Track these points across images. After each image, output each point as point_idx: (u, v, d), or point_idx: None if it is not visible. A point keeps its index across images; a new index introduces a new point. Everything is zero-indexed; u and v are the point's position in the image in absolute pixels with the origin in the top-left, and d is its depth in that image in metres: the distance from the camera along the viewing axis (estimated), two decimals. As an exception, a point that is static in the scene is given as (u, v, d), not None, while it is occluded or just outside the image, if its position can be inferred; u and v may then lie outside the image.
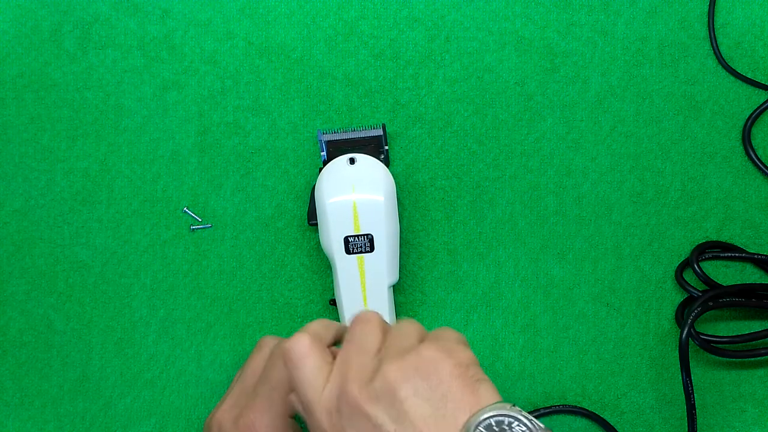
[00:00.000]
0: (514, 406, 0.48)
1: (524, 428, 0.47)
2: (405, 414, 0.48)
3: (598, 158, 0.70)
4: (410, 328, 0.54)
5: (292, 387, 0.54)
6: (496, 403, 0.49)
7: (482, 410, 0.48)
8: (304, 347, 0.53)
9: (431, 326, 0.68)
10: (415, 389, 0.49)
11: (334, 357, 0.54)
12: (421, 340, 0.53)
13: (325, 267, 0.69)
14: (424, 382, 0.49)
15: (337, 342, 0.57)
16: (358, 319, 0.55)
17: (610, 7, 0.71)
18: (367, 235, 0.65)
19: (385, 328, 0.54)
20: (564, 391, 0.68)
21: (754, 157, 0.69)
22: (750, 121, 0.69)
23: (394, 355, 0.51)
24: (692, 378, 0.67)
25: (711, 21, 0.71)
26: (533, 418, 0.48)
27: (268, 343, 0.62)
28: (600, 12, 0.71)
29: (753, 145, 0.70)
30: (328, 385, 0.51)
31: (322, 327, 0.56)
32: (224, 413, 0.59)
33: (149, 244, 0.69)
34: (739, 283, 0.68)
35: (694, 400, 0.64)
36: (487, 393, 0.49)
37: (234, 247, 0.69)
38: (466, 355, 0.51)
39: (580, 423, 0.67)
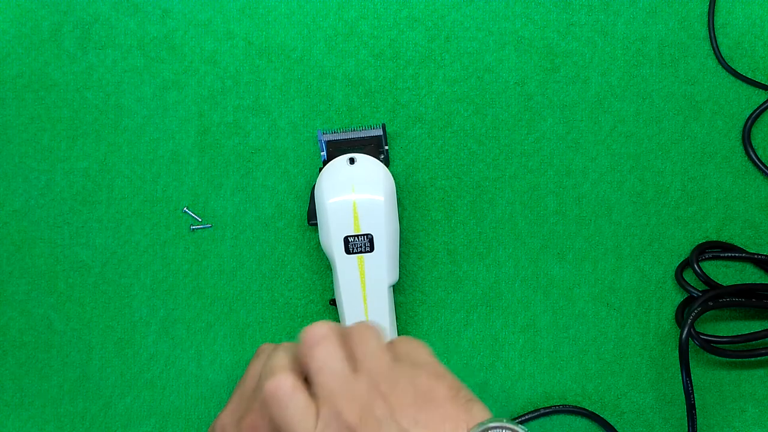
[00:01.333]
0: (509, 419, 0.50)
1: None
2: None
3: (598, 158, 0.70)
4: (373, 338, 0.54)
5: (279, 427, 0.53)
6: (491, 417, 0.50)
7: (479, 424, 0.49)
8: (288, 386, 0.52)
9: (431, 326, 0.68)
10: (415, 416, 0.50)
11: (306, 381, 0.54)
12: (391, 351, 0.54)
13: (325, 267, 0.69)
14: (423, 409, 0.50)
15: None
16: (309, 342, 0.54)
17: (610, 7, 0.71)
18: (367, 235, 0.65)
19: (341, 337, 0.54)
20: (564, 391, 0.68)
21: (754, 157, 0.69)
22: (750, 121, 0.69)
23: (383, 382, 0.51)
24: (692, 378, 0.67)
25: (711, 21, 0.71)
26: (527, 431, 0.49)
27: (266, 349, 0.62)
28: (600, 12, 0.71)
29: (753, 145, 0.70)
30: (320, 422, 0.51)
31: (289, 354, 0.56)
32: (226, 418, 0.59)
33: (149, 244, 0.69)
34: (739, 283, 0.68)
35: (694, 400, 0.64)
36: (480, 411, 0.51)
37: (234, 247, 0.69)
38: (452, 377, 0.53)
39: (580, 423, 0.67)
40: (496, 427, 0.49)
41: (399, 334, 0.68)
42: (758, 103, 0.70)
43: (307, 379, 0.54)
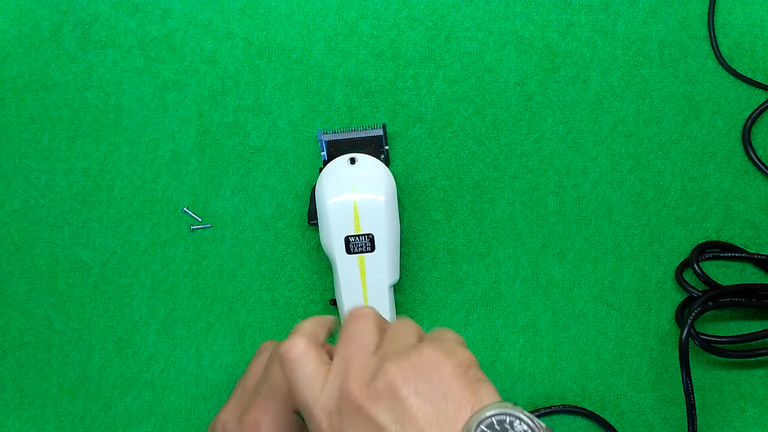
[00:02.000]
0: (515, 405, 0.48)
1: (526, 427, 0.47)
2: (407, 414, 0.48)
3: (598, 158, 0.70)
4: (409, 327, 0.54)
5: (289, 389, 0.54)
6: (497, 402, 0.49)
7: (484, 408, 0.48)
8: (300, 349, 0.53)
9: (431, 326, 0.68)
10: (416, 389, 0.49)
11: (330, 355, 0.54)
12: (420, 340, 0.53)
13: (325, 267, 0.69)
14: (426, 382, 0.49)
15: (331, 335, 0.57)
16: (353, 314, 0.54)
17: (610, 7, 0.71)
18: (367, 234, 0.65)
19: (381, 324, 0.54)
20: (564, 391, 0.68)
21: (754, 157, 0.69)
22: (750, 121, 0.70)
23: (394, 354, 0.51)
24: (692, 378, 0.67)
25: (711, 21, 0.71)
26: (534, 417, 0.48)
27: (268, 347, 0.62)
28: (600, 12, 0.71)
29: (753, 145, 0.70)
30: (327, 385, 0.51)
31: (315, 325, 0.56)
32: (227, 414, 0.59)
33: (149, 244, 0.69)
34: (739, 283, 0.68)
35: (694, 400, 0.64)
36: (488, 393, 0.49)
37: (234, 247, 0.69)
38: (466, 355, 0.51)
39: (580, 423, 0.67)
40: (503, 414, 0.47)
41: (399, 334, 0.68)
42: (758, 103, 0.70)
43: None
